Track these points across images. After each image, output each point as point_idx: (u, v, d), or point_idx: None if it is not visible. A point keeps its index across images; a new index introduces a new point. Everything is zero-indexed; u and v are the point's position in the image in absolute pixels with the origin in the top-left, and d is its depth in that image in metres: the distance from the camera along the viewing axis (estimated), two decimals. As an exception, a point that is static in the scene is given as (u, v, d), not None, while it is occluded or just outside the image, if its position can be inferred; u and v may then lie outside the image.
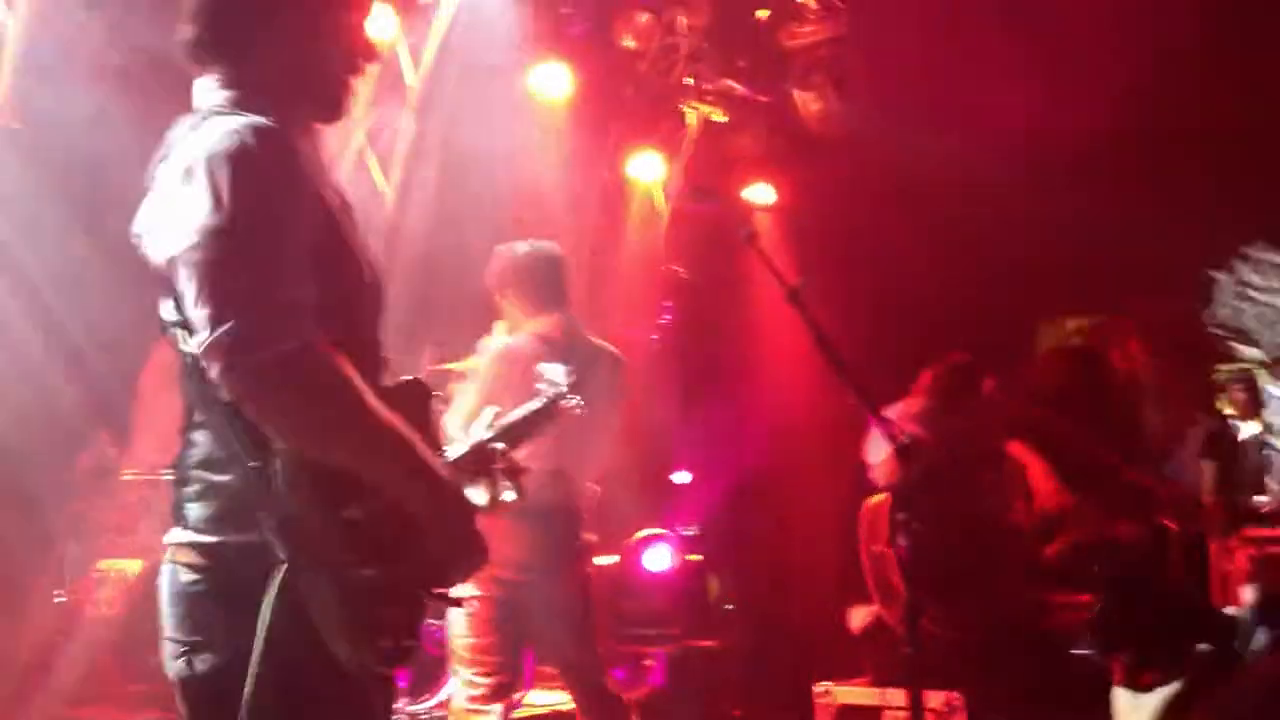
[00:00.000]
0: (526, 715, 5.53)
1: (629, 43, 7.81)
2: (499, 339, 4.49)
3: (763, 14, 8.03)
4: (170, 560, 2.22)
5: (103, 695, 5.01)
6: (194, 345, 2.05)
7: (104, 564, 5.05)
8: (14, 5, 5.54)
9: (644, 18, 7.72)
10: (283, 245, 2.09)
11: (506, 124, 7.72)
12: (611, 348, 4.62)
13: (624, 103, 8.29)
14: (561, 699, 5.42)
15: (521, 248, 4.49)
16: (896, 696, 4.48)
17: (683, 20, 7.88)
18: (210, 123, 2.16)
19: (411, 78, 7.33)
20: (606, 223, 8.75)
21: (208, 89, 2.28)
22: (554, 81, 7.55)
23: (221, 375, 2.02)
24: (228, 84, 2.27)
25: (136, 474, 5.43)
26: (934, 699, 4.43)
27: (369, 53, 2.41)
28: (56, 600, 5.13)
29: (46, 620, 5.24)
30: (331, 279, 2.16)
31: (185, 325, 2.11)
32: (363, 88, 6.72)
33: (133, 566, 5.10)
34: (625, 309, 8.40)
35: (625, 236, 8.85)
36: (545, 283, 4.42)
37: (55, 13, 5.65)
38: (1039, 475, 5.34)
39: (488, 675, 4.30)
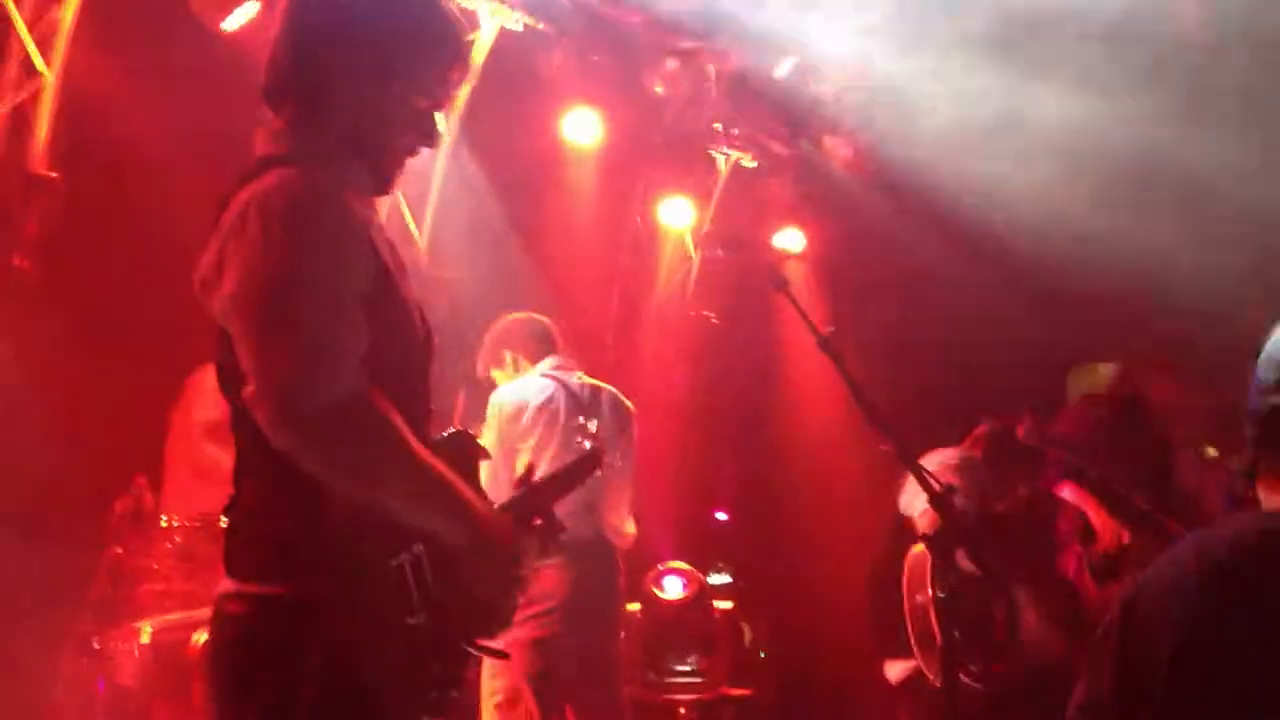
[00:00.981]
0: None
1: (658, 89, 7.85)
2: (514, 386, 4.72)
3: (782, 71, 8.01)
4: (219, 611, 2.21)
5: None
6: (245, 396, 2.07)
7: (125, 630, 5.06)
8: (52, 61, 5.63)
9: (673, 64, 7.77)
10: (333, 295, 2.10)
11: (538, 170, 7.78)
12: (611, 388, 4.89)
13: (654, 149, 8.34)
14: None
15: (512, 315, 5.21)
16: (933, 747, 4.44)
17: (711, 67, 7.93)
18: (268, 172, 2.19)
19: (442, 123, 7.39)
20: (637, 268, 8.78)
21: (269, 137, 2.32)
22: (585, 127, 7.61)
23: (270, 425, 2.04)
24: (290, 133, 2.30)
25: (173, 520, 5.44)
26: (971, 749, 4.39)
27: (431, 139, 2.45)
28: (94, 646, 5.14)
29: (81, 665, 5.25)
30: (384, 330, 2.18)
31: (237, 373, 2.13)
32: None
33: (143, 633, 5.09)
34: (655, 354, 8.42)
35: (656, 282, 8.88)
36: (542, 334, 5.09)
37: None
38: (1097, 515, 5.29)
39: None
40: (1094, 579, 5.41)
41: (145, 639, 4.95)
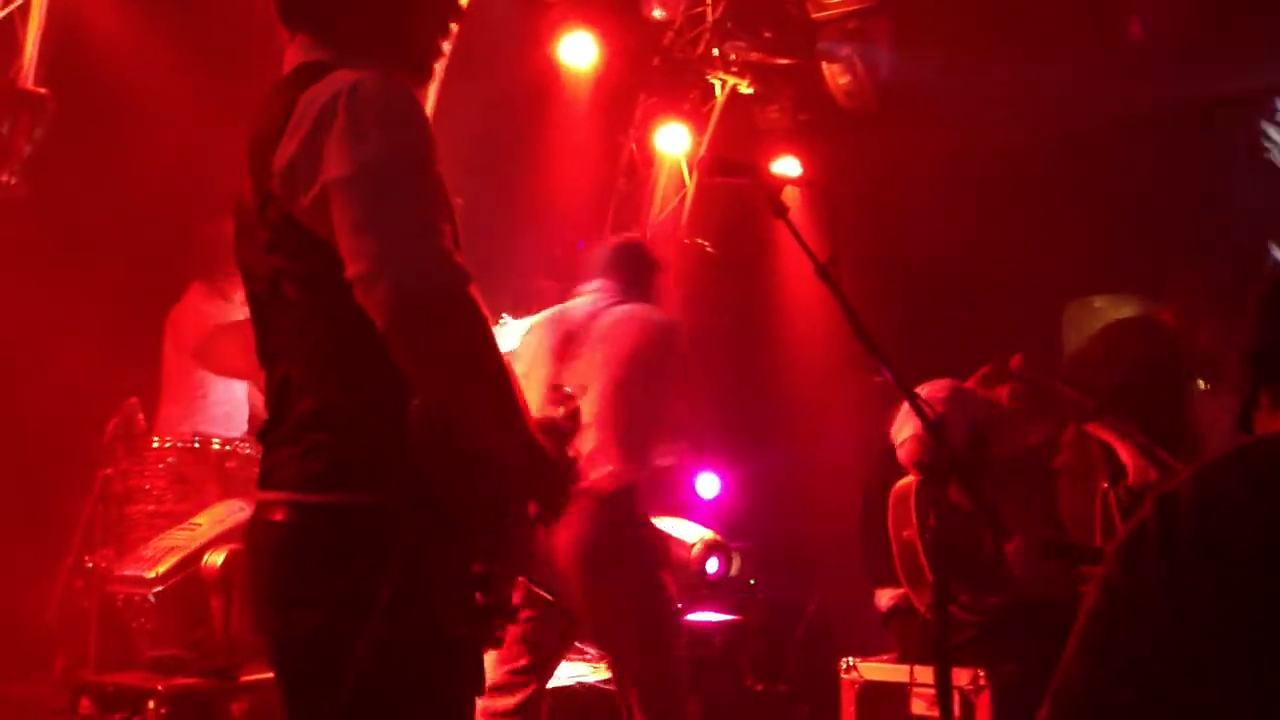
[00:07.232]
0: (551, 688, 5.51)
1: (656, 13, 7.75)
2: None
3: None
4: (266, 518, 2.17)
5: (130, 661, 5.03)
6: (354, 274, 2.01)
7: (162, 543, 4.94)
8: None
9: (670, -12, 7.66)
10: (432, 184, 2.12)
11: (532, 93, 7.70)
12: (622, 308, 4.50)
13: (650, 73, 8.25)
14: (585, 671, 5.42)
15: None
16: (923, 673, 4.47)
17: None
18: (330, 74, 2.16)
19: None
20: (632, 195, 8.72)
21: (303, 50, 2.29)
22: (580, 51, 7.52)
23: (390, 301, 1.99)
24: (322, 45, 2.28)
25: (166, 441, 5.44)
26: (961, 676, 4.41)
27: (456, 11, 2.40)
28: (88, 565, 5.15)
29: (75, 586, 5.27)
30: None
31: (315, 272, 2.10)
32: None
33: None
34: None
35: (651, 209, 8.82)
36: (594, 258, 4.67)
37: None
38: (1128, 452, 5.28)
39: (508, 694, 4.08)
40: (1121, 516, 5.42)
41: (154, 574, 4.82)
